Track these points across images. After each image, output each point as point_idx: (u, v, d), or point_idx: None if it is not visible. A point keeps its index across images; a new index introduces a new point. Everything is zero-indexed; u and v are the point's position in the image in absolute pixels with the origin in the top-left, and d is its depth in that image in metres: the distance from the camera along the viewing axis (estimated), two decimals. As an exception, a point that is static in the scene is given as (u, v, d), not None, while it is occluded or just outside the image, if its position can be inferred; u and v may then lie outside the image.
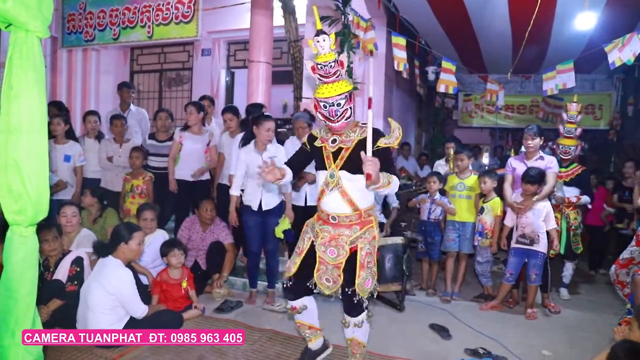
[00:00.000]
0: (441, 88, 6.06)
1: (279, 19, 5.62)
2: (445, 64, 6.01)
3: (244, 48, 7.85)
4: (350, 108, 2.47)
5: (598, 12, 5.69)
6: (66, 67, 8.22)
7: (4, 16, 1.84)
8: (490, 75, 8.68)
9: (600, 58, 5.54)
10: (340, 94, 2.40)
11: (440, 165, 5.50)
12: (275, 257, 4.01)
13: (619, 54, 4.72)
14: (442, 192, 4.45)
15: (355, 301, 2.50)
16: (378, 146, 2.43)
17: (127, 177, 4.67)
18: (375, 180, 2.22)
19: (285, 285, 2.71)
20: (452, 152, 4.85)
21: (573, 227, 4.31)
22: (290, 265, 2.68)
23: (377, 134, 2.46)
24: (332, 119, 2.44)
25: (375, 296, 2.64)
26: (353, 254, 2.52)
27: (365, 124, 2.50)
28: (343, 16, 4.90)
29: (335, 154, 2.52)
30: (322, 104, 2.44)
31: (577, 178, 4.36)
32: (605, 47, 4.90)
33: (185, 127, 4.72)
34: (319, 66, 2.42)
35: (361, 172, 2.32)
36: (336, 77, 2.43)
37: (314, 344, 2.85)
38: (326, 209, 2.55)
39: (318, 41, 2.39)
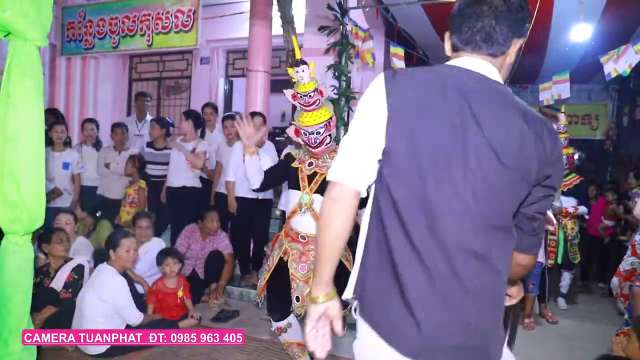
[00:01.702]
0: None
1: (277, 28, 5.66)
2: (442, 74, 6.04)
3: (243, 57, 7.89)
4: (330, 135, 2.55)
5: (593, 24, 5.74)
6: (65, 75, 8.22)
7: (2, 25, 1.84)
8: (487, 85, 8.74)
9: (596, 69, 5.58)
10: (320, 123, 2.50)
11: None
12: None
13: (615, 65, 4.76)
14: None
15: None
16: None
17: (127, 185, 4.68)
18: None
19: (263, 304, 2.75)
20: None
21: (570, 237, 4.31)
22: (260, 281, 2.72)
23: None
24: (312, 145, 2.52)
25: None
26: None
27: None
28: (341, 26, 4.93)
29: (311, 177, 2.57)
30: (302, 131, 2.53)
31: (574, 188, 4.38)
32: (600, 59, 4.94)
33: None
34: (298, 95, 2.49)
35: None
36: (316, 106, 2.51)
37: None
38: (296, 228, 2.59)
39: (297, 71, 2.46)
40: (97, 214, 4.43)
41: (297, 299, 2.52)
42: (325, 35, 5.02)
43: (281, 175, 2.75)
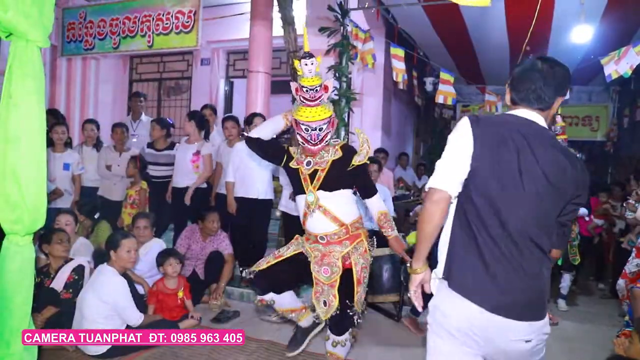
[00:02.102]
0: (440, 99, 6.10)
1: (278, 29, 5.66)
2: (443, 75, 6.05)
3: (243, 58, 7.90)
4: (330, 132, 2.53)
5: (594, 26, 5.75)
6: (65, 76, 8.23)
7: (4, 26, 1.85)
8: (488, 87, 8.74)
9: (597, 70, 5.59)
10: (324, 119, 2.47)
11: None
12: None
13: (616, 67, 4.76)
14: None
15: (347, 317, 2.51)
16: (353, 165, 2.52)
17: (128, 186, 4.68)
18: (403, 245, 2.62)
19: (251, 277, 2.73)
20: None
21: (570, 239, 4.31)
22: (262, 262, 2.71)
23: (348, 152, 2.57)
24: (313, 142, 2.49)
25: (365, 311, 2.73)
26: (347, 270, 2.53)
27: (337, 140, 2.66)
28: (342, 27, 4.93)
29: (312, 176, 2.55)
30: (303, 127, 2.48)
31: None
32: (601, 60, 4.94)
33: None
34: (304, 89, 2.45)
35: (338, 188, 2.46)
36: (320, 101, 2.48)
37: (304, 322, 2.88)
38: (313, 231, 2.58)
39: (306, 64, 2.42)
40: (95, 216, 4.42)
41: (325, 303, 2.51)
42: (326, 36, 5.03)
43: (271, 152, 2.73)
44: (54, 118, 5.15)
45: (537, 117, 1.59)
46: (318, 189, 2.51)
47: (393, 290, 3.96)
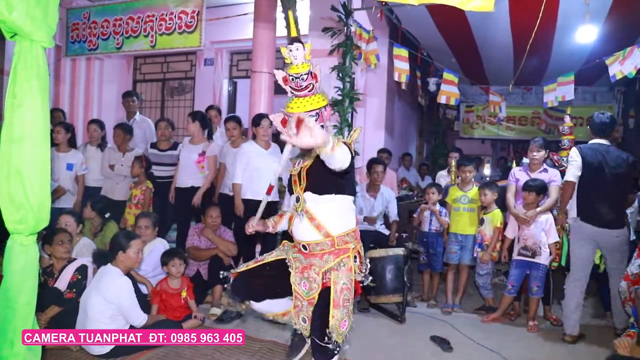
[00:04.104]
0: (442, 99, 6.08)
1: (281, 29, 5.66)
2: (446, 76, 6.03)
3: (247, 58, 7.90)
4: (322, 127, 2.06)
5: (599, 26, 5.72)
6: (69, 76, 8.26)
7: (9, 26, 1.85)
8: (491, 87, 8.71)
9: (602, 70, 5.55)
10: (310, 111, 2.15)
11: (442, 176, 5.49)
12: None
13: (620, 67, 4.74)
14: (442, 204, 4.45)
15: (324, 344, 2.16)
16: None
17: (131, 186, 4.69)
18: (308, 124, 1.73)
19: (230, 284, 2.48)
20: (453, 162, 4.85)
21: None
22: (242, 266, 2.50)
23: None
24: None
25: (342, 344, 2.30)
26: (326, 289, 2.22)
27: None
28: (345, 27, 4.93)
29: (299, 176, 2.30)
30: (289, 119, 2.21)
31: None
32: (606, 60, 4.92)
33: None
34: (290, 77, 2.17)
35: (329, 192, 2.16)
36: (309, 91, 2.18)
37: None
38: (296, 237, 2.33)
39: (291, 50, 2.14)
40: (106, 215, 4.43)
41: (304, 320, 2.29)
42: (329, 37, 5.02)
43: None
44: (63, 116, 5.16)
45: (605, 142, 3.68)
46: (305, 190, 2.25)
47: (396, 290, 3.96)
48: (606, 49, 5.47)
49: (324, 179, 2.19)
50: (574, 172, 3.66)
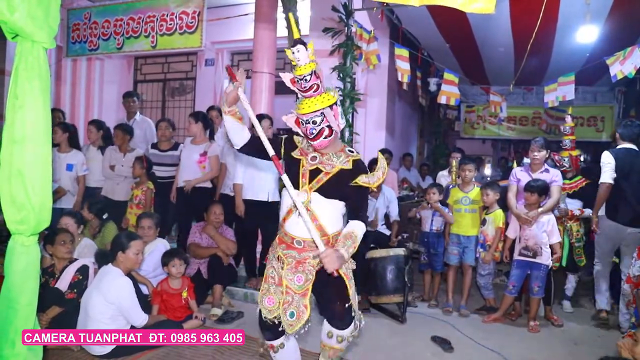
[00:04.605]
0: (442, 99, 6.08)
1: (282, 30, 5.66)
2: (447, 76, 6.04)
3: (248, 58, 7.90)
4: (329, 127, 2.21)
5: (599, 26, 5.72)
6: (70, 77, 8.27)
7: (11, 27, 1.85)
8: (492, 87, 8.71)
9: (602, 70, 5.56)
10: (315, 111, 2.17)
11: (443, 177, 5.49)
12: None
13: (621, 67, 4.75)
14: (443, 204, 4.45)
15: (345, 311, 2.29)
16: (356, 182, 2.25)
17: (132, 186, 4.69)
18: (341, 265, 2.15)
19: (261, 322, 2.35)
20: (454, 163, 4.85)
21: (575, 240, 4.29)
22: (264, 299, 2.32)
23: (358, 168, 2.29)
24: (309, 136, 2.23)
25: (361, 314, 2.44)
26: (326, 273, 2.20)
27: (352, 151, 2.35)
28: (346, 28, 4.93)
29: (313, 174, 2.26)
30: (300, 120, 2.24)
31: (580, 190, 4.36)
32: (606, 60, 4.92)
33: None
34: (296, 79, 2.20)
35: (336, 198, 2.23)
36: (314, 92, 2.20)
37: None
38: (291, 232, 2.30)
39: (293, 52, 2.16)
40: (104, 216, 4.43)
41: (292, 314, 2.24)
42: (330, 37, 5.03)
43: (260, 146, 2.30)
44: (63, 116, 5.17)
45: (634, 148, 3.97)
46: (315, 191, 2.24)
47: (397, 291, 3.96)
48: (607, 49, 5.47)
49: (335, 188, 2.24)
50: (610, 174, 3.90)
